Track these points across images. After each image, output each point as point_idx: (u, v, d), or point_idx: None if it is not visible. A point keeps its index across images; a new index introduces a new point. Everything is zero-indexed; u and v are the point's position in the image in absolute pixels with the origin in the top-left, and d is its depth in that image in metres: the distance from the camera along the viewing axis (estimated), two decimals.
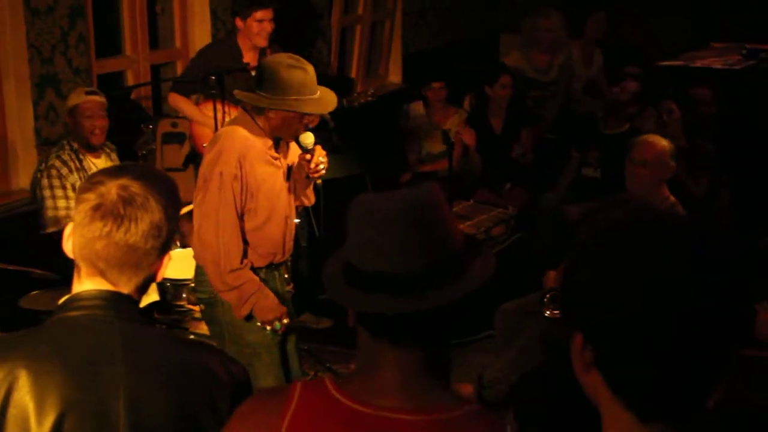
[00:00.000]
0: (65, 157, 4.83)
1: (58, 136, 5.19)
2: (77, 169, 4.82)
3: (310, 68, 3.82)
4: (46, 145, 5.10)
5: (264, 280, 3.98)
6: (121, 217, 1.84)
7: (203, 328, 4.34)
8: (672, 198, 4.61)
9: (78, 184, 4.73)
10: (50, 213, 4.80)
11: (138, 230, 1.85)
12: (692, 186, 5.72)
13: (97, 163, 4.90)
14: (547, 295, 4.38)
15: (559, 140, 7.06)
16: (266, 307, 3.90)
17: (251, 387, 2.02)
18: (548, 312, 4.34)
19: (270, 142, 3.91)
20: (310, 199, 4.23)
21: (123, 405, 1.83)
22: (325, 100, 3.86)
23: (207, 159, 3.87)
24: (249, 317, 3.93)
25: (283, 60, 3.82)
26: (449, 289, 1.62)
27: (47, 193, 4.80)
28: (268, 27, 5.49)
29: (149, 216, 1.86)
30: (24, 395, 1.77)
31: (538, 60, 7.76)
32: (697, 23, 8.98)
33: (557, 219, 6.01)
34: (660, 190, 4.62)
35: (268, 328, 3.93)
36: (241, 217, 3.87)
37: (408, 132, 7.06)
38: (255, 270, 3.97)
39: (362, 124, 7.14)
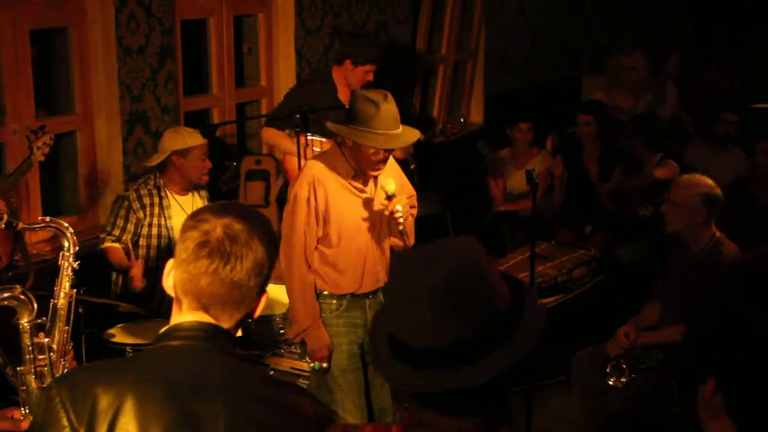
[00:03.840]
0: (143, 191, 4.90)
1: (145, 170, 5.29)
2: (150, 205, 4.89)
3: (386, 106, 3.84)
4: (133, 181, 5.19)
5: (347, 309, 4.10)
6: (227, 254, 1.87)
7: (284, 365, 4.37)
8: (718, 234, 4.51)
9: (146, 221, 4.82)
10: (102, 235, 4.90)
11: (243, 268, 1.88)
12: None
13: (181, 200, 4.95)
14: (609, 366, 4.37)
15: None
16: (314, 347, 4.05)
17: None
18: (612, 381, 4.35)
19: (353, 172, 4.00)
20: (409, 237, 4.15)
21: None
22: (391, 138, 3.85)
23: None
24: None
25: (365, 93, 3.93)
26: (497, 358, 1.55)
27: (111, 219, 4.90)
28: (370, 77, 5.66)
29: (253, 254, 1.89)
30: (129, 420, 1.81)
31: (623, 100, 7.67)
32: None
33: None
34: (701, 230, 4.51)
35: (312, 364, 4.08)
36: (319, 241, 4.06)
37: (487, 172, 7.05)
38: (336, 297, 4.09)
39: (444, 164, 7.14)
